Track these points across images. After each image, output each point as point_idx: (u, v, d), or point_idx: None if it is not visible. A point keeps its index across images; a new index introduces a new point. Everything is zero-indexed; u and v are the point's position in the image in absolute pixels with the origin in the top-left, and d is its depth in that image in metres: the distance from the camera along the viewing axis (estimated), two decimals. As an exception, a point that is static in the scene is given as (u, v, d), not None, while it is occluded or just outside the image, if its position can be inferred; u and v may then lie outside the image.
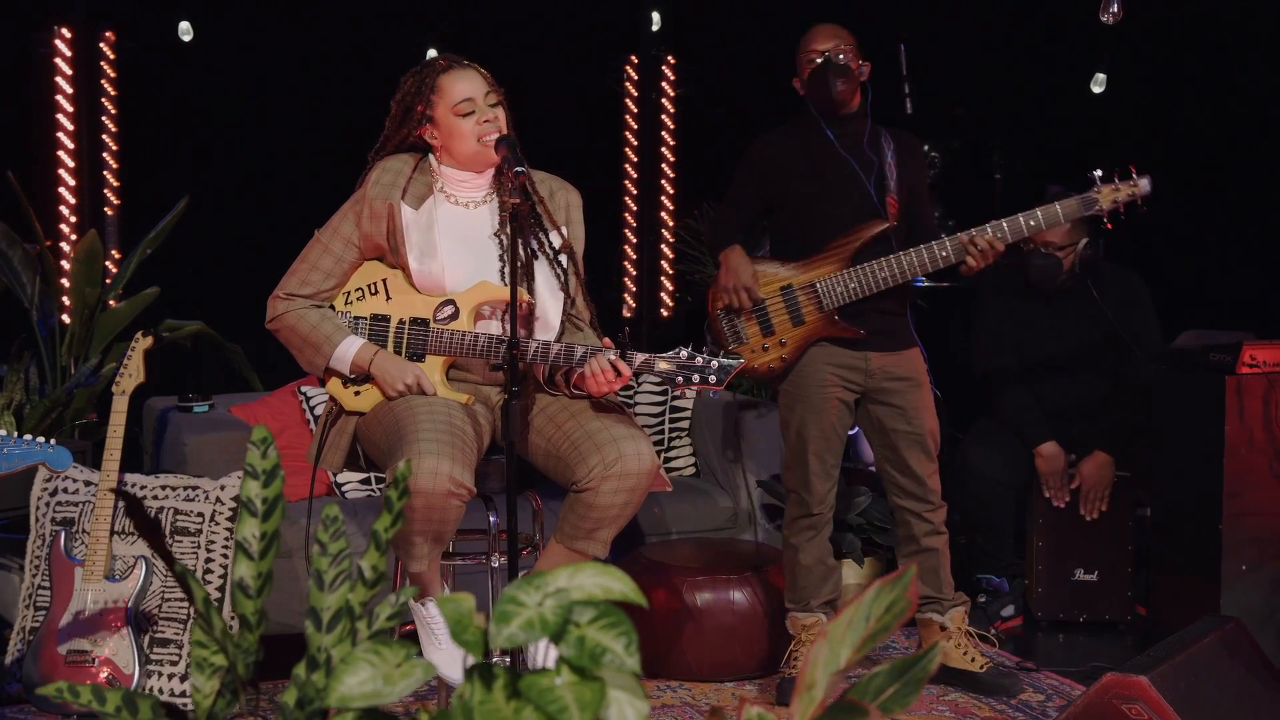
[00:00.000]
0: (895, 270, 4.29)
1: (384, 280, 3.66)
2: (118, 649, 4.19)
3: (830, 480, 4.47)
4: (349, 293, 3.67)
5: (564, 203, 3.80)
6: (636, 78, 7.25)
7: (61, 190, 6.22)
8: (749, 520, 5.27)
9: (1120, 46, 6.41)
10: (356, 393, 3.61)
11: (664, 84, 7.22)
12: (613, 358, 3.43)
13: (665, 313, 7.25)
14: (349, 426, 3.66)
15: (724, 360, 3.47)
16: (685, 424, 5.59)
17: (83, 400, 5.03)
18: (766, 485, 5.15)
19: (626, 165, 7.28)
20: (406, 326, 3.60)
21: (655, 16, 7.11)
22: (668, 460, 5.56)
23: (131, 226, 6.17)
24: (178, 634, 4.27)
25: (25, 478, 4.48)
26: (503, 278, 3.61)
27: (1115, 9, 4.97)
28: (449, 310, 3.60)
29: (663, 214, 7.21)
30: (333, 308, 3.66)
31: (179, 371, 5.94)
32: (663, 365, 3.47)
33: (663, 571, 4.64)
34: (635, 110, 7.26)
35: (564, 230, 3.74)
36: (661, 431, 5.57)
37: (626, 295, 7.30)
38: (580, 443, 3.50)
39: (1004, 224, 4.29)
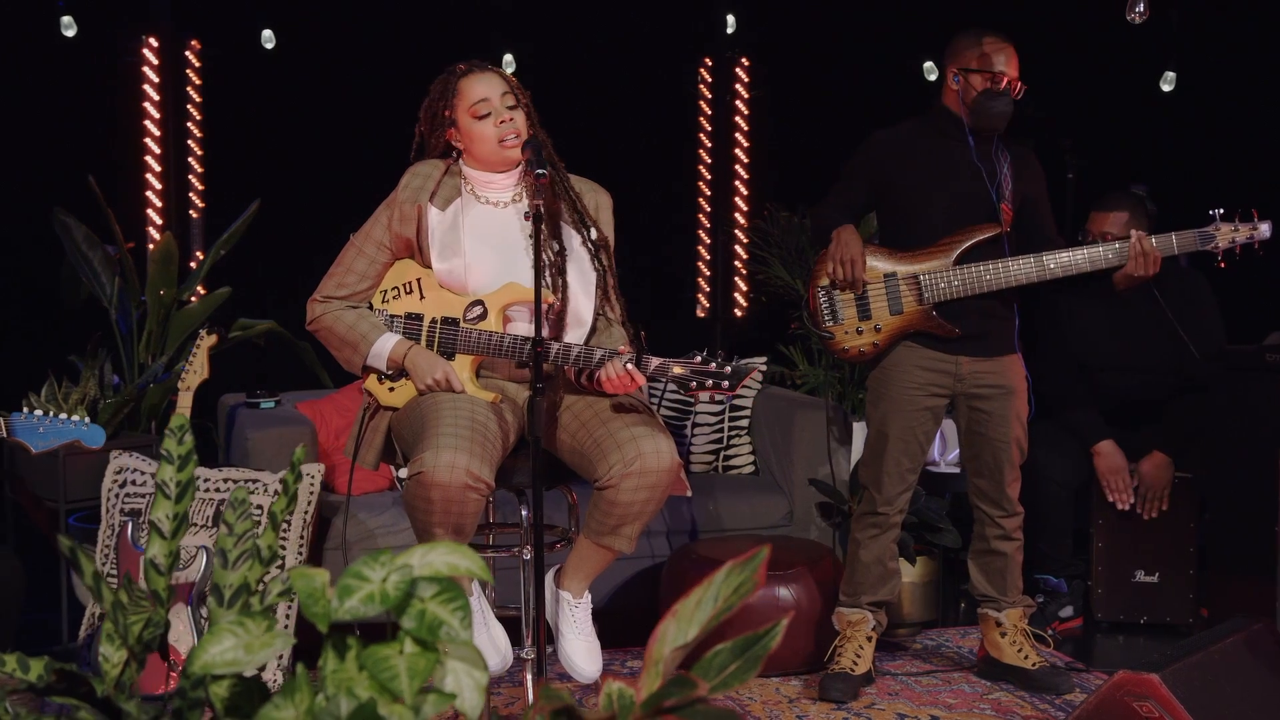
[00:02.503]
0: (1002, 275, 4.33)
1: (418, 280, 3.75)
2: (179, 634, 4.35)
3: (904, 484, 4.51)
4: (385, 291, 3.77)
5: (593, 204, 3.86)
6: (710, 80, 7.31)
7: (148, 194, 6.43)
8: (805, 518, 5.32)
9: (1190, 43, 6.35)
10: (391, 388, 3.71)
11: (738, 86, 7.27)
12: (628, 364, 3.49)
13: (739, 313, 7.31)
14: (383, 424, 3.76)
15: (737, 364, 3.51)
16: (745, 423, 5.65)
17: (156, 396, 5.22)
18: (818, 484, 5.19)
19: (700, 167, 7.34)
20: (438, 326, 3.70)
21: (730, 19, 7.17)
22: (727, 458, 5.62)
23: (216, 228, 6.36)
24: (236, 621, 4.43)
25: (98, 471, 4.68)
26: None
27: (1141, 8, 4.94)
28: (478, 310, 3.69)
29: (736, 214, 7.27)
30: (370, 306, 3.77)
31: (255, 368, 6.11)
32: (677, 370, 3.51)
33: (709, 567, 4.68)
34: (709, 112, 7.32)
35: (596, 229, 3.81)
36: (721, 430, 5.63)
37: (700, 295, 7.37)
38: (602, 440, 3.57)
39: (1118, 246, 4.32)
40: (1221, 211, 4.31)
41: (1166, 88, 6.50)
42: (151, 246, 6.37)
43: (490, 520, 4.04)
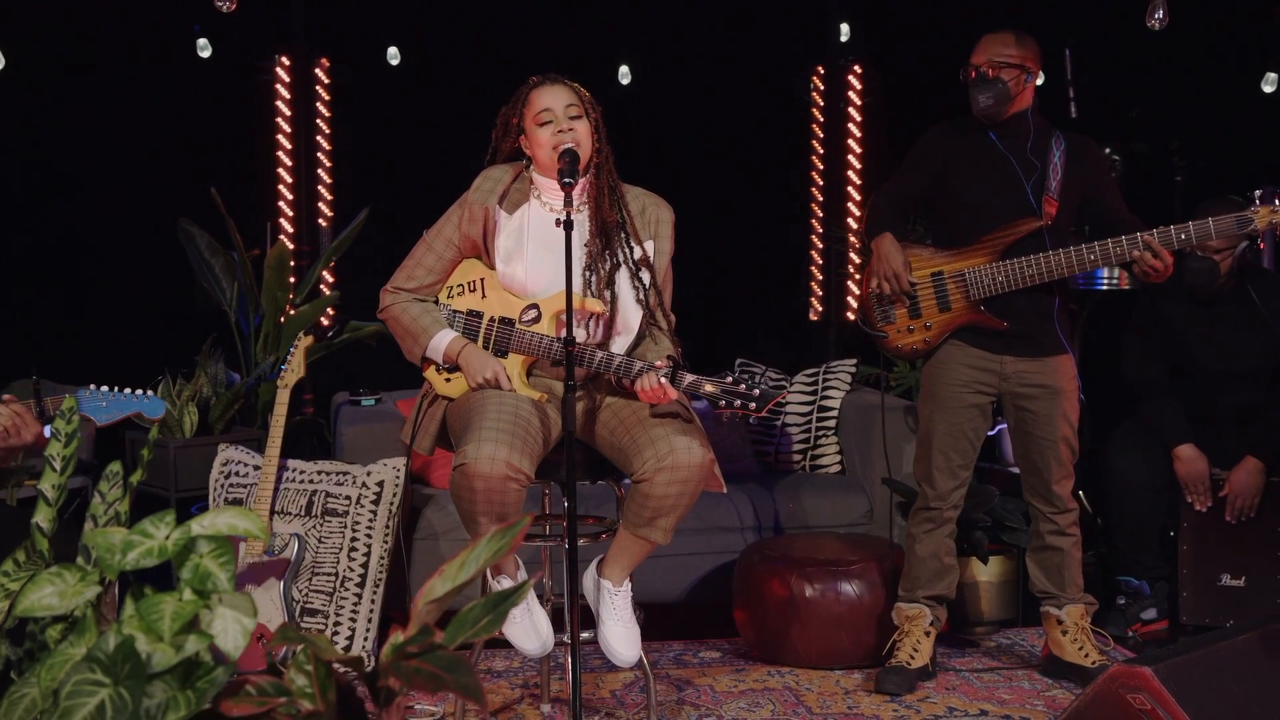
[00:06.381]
0: (1043, 268, 4.43)
1: (482, 279, 4.00)
2: (272, 616, 4.67)
3: (955, 479, 4.61)
4: (451, 287, 4.03)
5: (654, 218, 4.05)
6: (823, 87, 7.42)
7: (280, 205, 6.80)
8: (885, 517, 5.42)
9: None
10: (448, 379, 3.97)
11: (851, 93, 7.37)
12: (662, 379, 3.67)
13: (851, 315, 7.40)
14: (439, 412, 4.02)
15: (765, 389, 3.67)
16: (832, 423, 5.77)
17: (269, 393, 5.56)
18: (891, 483, 5.28)
19: (813, 173, 7.46)
20: (495, 325, 3.94)
21: (844, 27, 7.27)
22: (814, 458, 5.75)
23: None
24: (324, 605, 4.72)
25: (207, 462, 5.03)
26: (587, 286, 3.89)
27: (1161, 14, 4.91)
28: (533, 314, 3.92)
29: (849, 220, 7.36)
30: (436, 301, 4.02)
31: (371, 368, 6.41)
32: (708, 388, 3.69)
33: (777, 562, 4.85)
34: (822, 119, 7.43)
35: (649, 244, 3.99)
36: (809, 430, 5.76)
37: (813, 300, 7.48)
38: (638, 437, 3.77)
39: (1154, 234, 4.36)
40: (1260, 193, 4.30)
41: (1268, 89, 6.41)
42: (270, 253, 6.76)
43: (547, 511, 4.27)
